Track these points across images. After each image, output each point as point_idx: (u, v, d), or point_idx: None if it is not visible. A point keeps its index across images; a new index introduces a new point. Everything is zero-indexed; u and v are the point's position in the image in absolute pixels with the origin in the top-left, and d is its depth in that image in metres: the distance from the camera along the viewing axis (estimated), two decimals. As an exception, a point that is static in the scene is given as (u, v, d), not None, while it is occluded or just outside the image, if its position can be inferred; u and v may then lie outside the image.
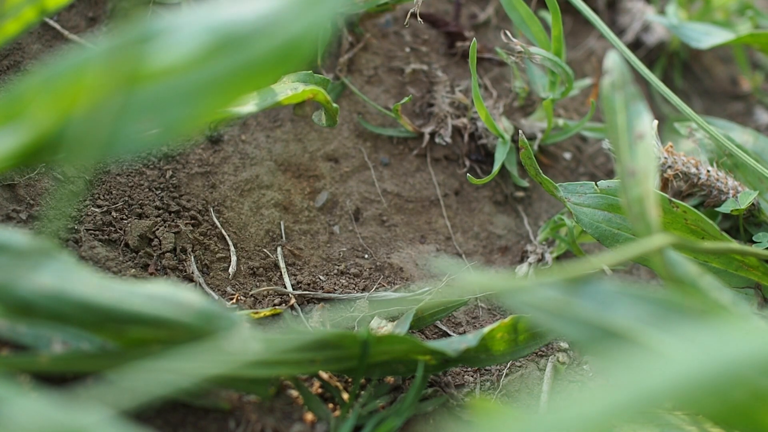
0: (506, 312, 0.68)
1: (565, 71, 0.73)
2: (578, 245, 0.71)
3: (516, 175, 0.77)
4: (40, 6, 0.48)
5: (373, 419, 0.50)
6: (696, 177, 0.69)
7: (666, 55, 1.00)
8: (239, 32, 0.36)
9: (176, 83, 0.35)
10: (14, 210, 0.59)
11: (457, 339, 0.52)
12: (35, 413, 0.31)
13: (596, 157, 0.86)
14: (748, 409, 0.33)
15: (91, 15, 0.73)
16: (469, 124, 0.78)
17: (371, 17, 0.79)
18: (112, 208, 0.63)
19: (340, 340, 0.48)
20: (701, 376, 0.29)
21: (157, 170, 0.67)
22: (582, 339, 0.38)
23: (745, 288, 0.64)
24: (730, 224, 0.71)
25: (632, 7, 1.00)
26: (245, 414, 0.49)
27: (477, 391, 0.59)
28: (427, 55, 0.82)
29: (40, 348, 0.44)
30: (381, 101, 0.78)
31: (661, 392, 0.28)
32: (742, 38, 0.83)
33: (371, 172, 0.75)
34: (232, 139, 0.71)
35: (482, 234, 0.76)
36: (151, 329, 0.42)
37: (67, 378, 0.45)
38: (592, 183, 0.63)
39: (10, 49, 0.68)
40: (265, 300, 0.63)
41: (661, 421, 0.48)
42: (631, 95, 0.45)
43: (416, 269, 0.70)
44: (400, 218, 0.74)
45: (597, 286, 0.40)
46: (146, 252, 0.62)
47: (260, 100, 0.55)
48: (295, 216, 0.70)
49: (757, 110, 1.00)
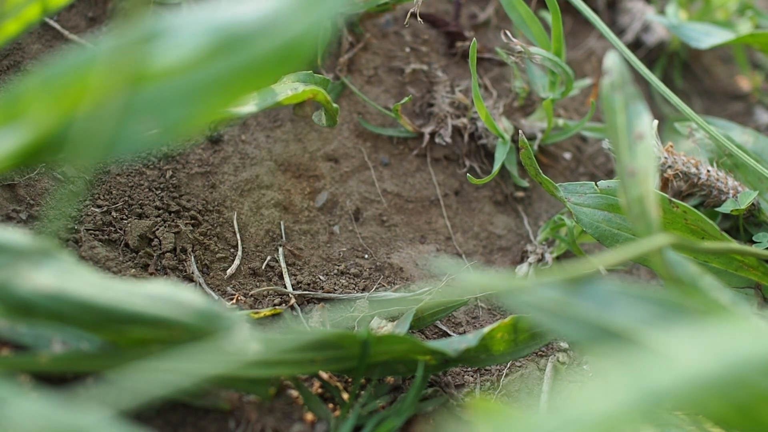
0: (506, 312, 0.68)
1: (565, 71, 0.73)
2: (578, 245, 0.71)
3: (516, 175, 0.77)
4: (41, 6, 0.48)
5: (373, 419, 0.50)
6: (696, 177, 0.69)
7: (666, 55, 1.00)
8: (239, 33, 0.36)
9: (177, 83, 0.36)
10: (14, 210, 0.59)
11: (457, 339, 0.52)
12: (35, 413, 0.31)
13: (596, 157, 0.86)
14: (749, 409, 0.33)
15: (91, 15, 0.73)
16: (469, 124, 0.78)
17: (371, 17, 0.79)
18: (112, 208, 0.63)
19: (340, 340, 0.48)
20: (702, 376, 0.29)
21: (157, 170, 0.67)
22: (582, 339, 0.38)
23: (745, 288, 0.64)
24: (730, 224, 0.71)
25: (632, 7, 1.00)
26: (245, 414, 0.49)
27: (477, 391, 0.59)
28: (427, 55, 0.82)
29: (40, 348, 0.44)
30: (381, 101, 0.78)
31: (662, 392, 0.28)
32: (742, 38, 0.83)
33: (371, 172, 0.75)
34: (232, 139, 0.71)
35: (482, 234, 0.76)
36: (151, 329, 0.42)
37: (67, 378, 0.46)
38: (592, 183, 0.63)
39: (10, 49, 0.68)
40: (265, 300, 0.63)
41: (661, 421, 0.48)
42: (630, 95, 0.45)
43: (416, 269, 0.70)
44: (400, 218, 0.74)
45: (597, 286, 0.40)
46: (146, 252, 0.62)
47: (260, 100, 0.55)
48: (295, 216, 0.70)
49: (757, 110, 1.00)
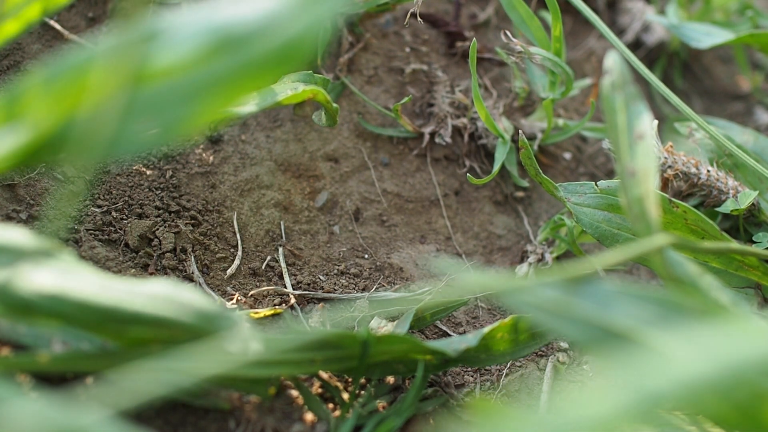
0: (506, 312, 0.68)
1: (565, 71, 0.73)
2: (578, 245, 0.71)
3: (516, 175, 0.77)
4: (41, 6, 0.48)
5: (373, 419, 0.50)
6: (696, 177, 0.69)
7: (666, 55, 1.00)
8: (239, 32, 0.36)
9: (176, 83, 0.35)
10: (14, 210, 0.59)
11: (457, 339, 0.52)
12: (35, 413, 0.31)
13: (596, 157, 0.86)
14: (749, 409, 0.33)
15: (91, 15, 0.73)
16: (469, 124, 0.78)
17: (371, 17, 0.79)
18: (112, 208, 0.63)
19: (340, 340, 0.48)
20: (702, 376, 0.29)
21: (157, 170, 0.67)
22: (582, 339, 0.38)
23: (745, 288, 0.64)
24: (730, 224, 0.71)
25: (632, 7, 1.00)
26: (245, 414, 0.49)
27: (477, 391, 0.59)
28: (427, 55, 0.82)
29: (40, 348, 0.44)
30: (381, 101, 0.78)
31: (662, 392, 0.28)
32: (742, 38, 0.83)
33: (371, 172, 0.75)
34: (232, 139, 0.71)
35: (482, 234, 0.76)
36: (151, 329, 0.42)
37: (67, 378, 0.46)
38: (592, 183, 0.63)
39: (10, 49, 0.68)
40: (265, 300, 0.63)
41: (661, 421, 0.48)
42: (631, 95, 0.45)
43: (416, 269, 0.70)
44: (400, 218, 0.74)
45: (597, 286, 0.40)
46: (146, 252, 0.62)
47: (260, 100, 0.55)
48: (295, 216, 0.70)
49: (757, 110, 1.00)
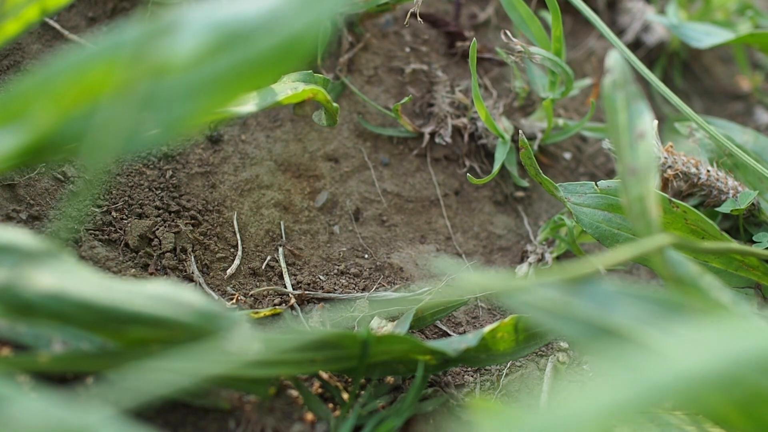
0: (506, 312, 0.68)
1: (565, 71, 0.73)
2: (578, 245, 0.71)
3: (516, 175, 0.77)
4: (41, 6, 0.48)
5: (373, 419, 0.50)
6: (696, 177, 0.69)
7: (666, 55, 1.00)
8: (240, 29, 0.36)
9: (178, 81, 0.35)
10: (14, 210, 0.59)
11: (457, 339, 0.52)
12: (38, 412, 0.31)
13: (596, 157, 0.86)
14: (749, 409, 0.33)
15: (91, 15, 0.73)
16: (469, 124, 0.78)
17: (371, 17, 0.79)
18: (112, 208, 0.63)
19: (340, 340, 0.48)
20: (702, 375, 0.29)
21: (157, 170, 0.67)
22: (582, 339, 0.38)
23: (745, 288, 0.64)
24: (730, 224, 0.71)
25: (632, 7, 1.00)
26: (245, 414, 0.49)
27: (477, 391, 0.59)
28: (427, 55, 0.82)
29: (40, 348, 0.44)
30: (381, 101, 0.78)
31: (662, 392, 0.28)
32: (742, 38, 0.83)
33: (371, 172, 0.75)
34: (232, 139, 0.71)
35: (482, 234, 0.76)
36: (151, 329, 0.42)
37: (67, 378, 0.46)
38: (592, 183, 0.63)
39: (10, 49, 0.68)
40: (265, 300, 0.63)
41: (661, 421, 0.48)
42: (632, 94, 0.45)
43: (416, 269, 0.70)
44: (400, 218, 0.74)
45: (597, 286, 0.40)
46: (146, 252, 0.62)
47: (260, 99, 0.55)
48: (295, 216, 0.70)
49: (757, 110, 1.00)
